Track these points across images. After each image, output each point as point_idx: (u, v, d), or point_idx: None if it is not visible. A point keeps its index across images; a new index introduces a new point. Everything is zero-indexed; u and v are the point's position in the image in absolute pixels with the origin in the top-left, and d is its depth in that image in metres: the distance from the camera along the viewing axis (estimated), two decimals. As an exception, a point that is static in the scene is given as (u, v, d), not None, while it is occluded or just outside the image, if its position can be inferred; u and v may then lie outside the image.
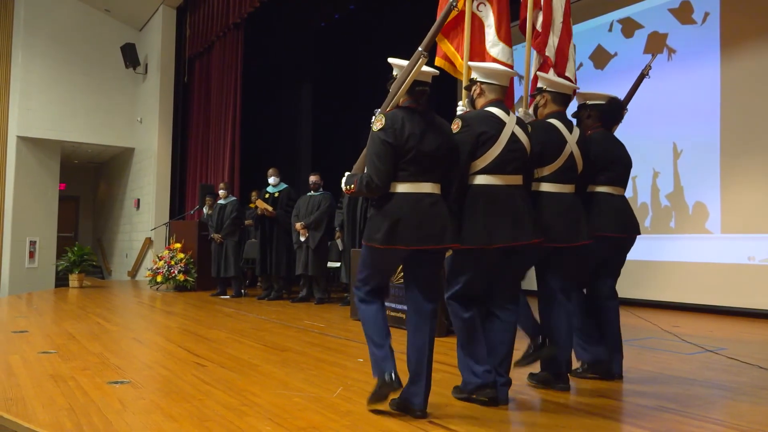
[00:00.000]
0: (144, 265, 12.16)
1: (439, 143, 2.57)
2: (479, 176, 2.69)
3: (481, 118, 2.72)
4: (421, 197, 2.53)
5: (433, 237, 2.50)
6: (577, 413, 2.64)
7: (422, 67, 2.55)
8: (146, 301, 7.81)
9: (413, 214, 2.49)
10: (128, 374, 3.30)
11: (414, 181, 2.53)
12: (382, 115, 2.55)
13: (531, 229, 2.69)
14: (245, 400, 2.73)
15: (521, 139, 2.74)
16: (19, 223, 12.58)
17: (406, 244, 2.49)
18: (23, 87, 12.49)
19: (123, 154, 14.25)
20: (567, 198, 2.98)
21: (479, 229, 2.62)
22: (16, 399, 2.74)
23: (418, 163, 2.52)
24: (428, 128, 2.57)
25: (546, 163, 2.94)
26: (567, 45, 3.74)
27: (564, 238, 2.91)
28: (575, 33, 8.85)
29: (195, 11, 12.20)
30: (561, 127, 2.99)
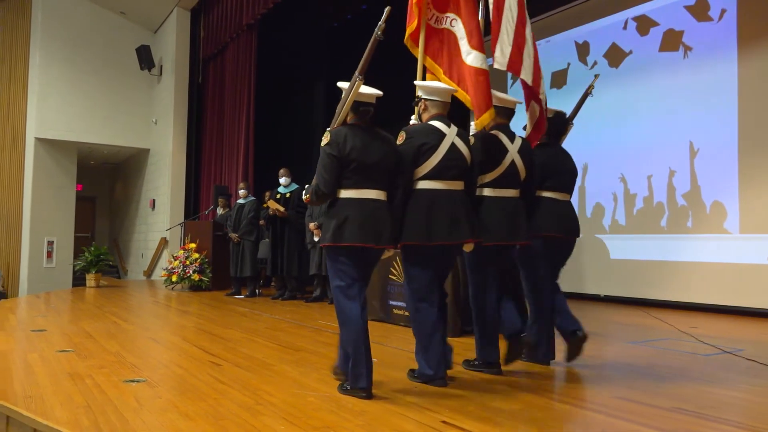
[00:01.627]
0: (159, 265, 12.26)
1: (381, 155, 2.91)
2: (421, 182, 3.01)
3: (423, 131, 3.06)
4: (365, 202, 2.88)
5: (373, 237, 2.83)
6: (593, 415, 2.63)
7: (363, 89, 2.93)
8: (162, 300, 7.88)
9: (357, 215, 2.84)
10: (144, 373, 3.33)
11: (358, 188, 2.88)
12: (328, 132, 2.92)
13: (468, 230, 2.99)
14: (260, 399, 2.75)
15: (461, 149, 3.06)
16: (37, 224, 12.74)
17: (351, 241, 2.82)
18: (41, 89, 12.65)
19: (138, 155, 14.38)
20: (508, 201, 3.28)
21: (420, 227, 2.94)
22: (34, 396, 2.77)
23: (362, 173, 2.87)
24: (371, 142, 2.91)
25: (488, 171, 3.25)
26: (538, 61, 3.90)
27: (504, 238, 3.22)
28: (590, 31, 8.82)
29: (209, 13, 12.29)
30: (503, 138, 3.30)
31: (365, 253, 2.89)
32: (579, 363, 3.65)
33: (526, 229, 3.31)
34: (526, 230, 3.31)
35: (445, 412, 2.56)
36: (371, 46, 3.06)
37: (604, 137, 8.29)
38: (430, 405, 2.66)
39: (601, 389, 3.10)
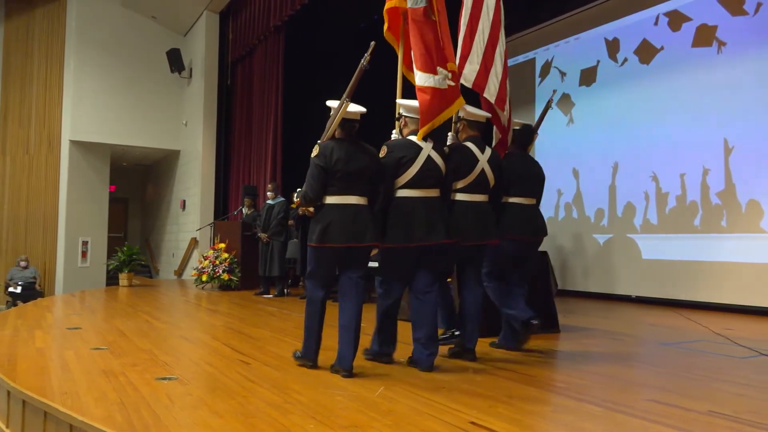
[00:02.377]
0: (190, 265, 12.45)
1: (363, 165, 3.31)
2: (401, 190, 3.43)
3: (402, 145, 3.48)
4: (348, 207, 3.27)
5: (356, 237, 3.24)
6: (625, 418, 2.58)
7: (350, 108, 3.31)
8: (192, 299, 7.99)
9: (340, 219, 3.24)
10: (176, 371, 3.39)
11: (341, 194, 3.28)
12: (318, 145, 3.33)
13: (443, 232, 3.40)
14: (288, 398, 2.77)
15: (436, 161, 3.47)
16: (72, 224, 13.05)
17: (334, 242, 3.23)
18: (75, 93, 12.95)
19: (169, 157, 14.62)
20: (479, 206, 3.67)
21: (400, 231, 3.36)
22: (70, 393, 2.84)
23: (345, 181, 3.26)
24: (355, 154, 3.30)
25: (461, 178, 3.62)
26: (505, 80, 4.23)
27: (475, 238, 3.61)
28: (620, 27, 8.70)
29: (237, 16, 12.42)
30: (474, 149, 3.67)
31: (349, 251, 3.31)
32: (610, 365, 3.59)
33: (494, 230, 3.72)
34: (494, 231, 3.71)
35: (474, 413, 2.54)
36: (358, 73, 3.38)
37: (635, 135, 8.15)
38: (458, 405, 2.65)
39: (634, 392, 3.05)
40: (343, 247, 3.26)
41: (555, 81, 9.65)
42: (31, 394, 2.82)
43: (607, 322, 6.02)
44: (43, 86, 13.19)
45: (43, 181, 13.12)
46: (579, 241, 8.98)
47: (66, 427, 2.53)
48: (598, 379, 3.31)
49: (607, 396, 2.91)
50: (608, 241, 8.49)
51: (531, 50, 10.20)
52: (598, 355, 4.08)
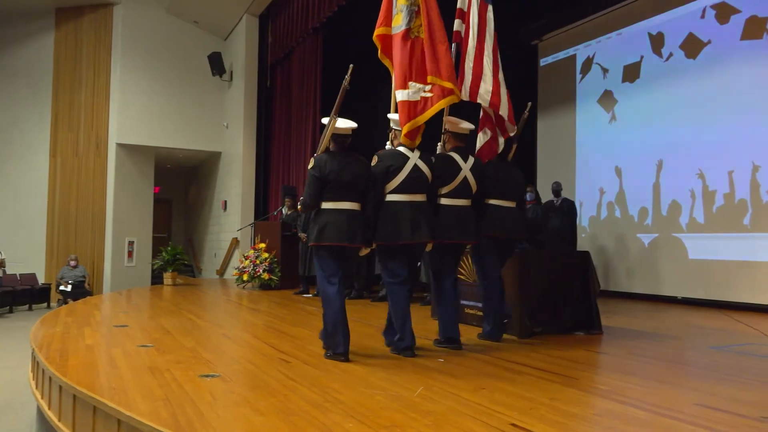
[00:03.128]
0: (231, 264, 12.67)
1: (354, 174, 3.71)
2: (390, 195, 3.82)
3: (390, 155, 3.89)
4: (341, 211, 3.68)
5: (348, 237, 3.64)
6: (673, 423, 2.51)
7: (340, 124, 3.73)
8: (233, 298, 8.13)
9: (335, 222, 3.65)
10: (218, 368, 3.45)
11: (335, 201, 3.69)
12: (313, 158, 3.75)
13: (427, 232, 3.80)
14: (328, 397, 2.78)
15: (422, 169, 3.86)
16: (119, 225, 13.44)
17: (329, 241, 3.64)
18: (121, 97, 13.34)
19: (211, 158, 14.91)
20: (461, 209, 4.06)
21: (388, 230, 3.78)
22: (118, 389, 2.92)
23: (338, 189, 3.68)
24: (346, 165, 3.70)
25: (445, 184, 4.02)
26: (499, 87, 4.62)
27: (455, 237, 4.01)
28: (664, 21, 8.48)
29: (276, 18, 12.58)
30: (457, 158, 4.06)
31: (343, 250, 3.72)
32: (656, 368, 3.50)
33: (474, 231, 4.11)
34: (475, 232, 4.11)
35: (515, 414, 2.51)
36: (341, 93, 3.79)
37: (681, 132, 7.93)
38: (499, 407, 2.62)
39: (682, 396, 2.96)
40: (337, 246, 3.67)
41: (597, 77, 9.47)
42: (82, 389, 2.91)
43: (652, 323, 5.87)
44: (91, 91, 13.63)
45: (91, 183, 13.55)
46: (622, 241, 8.78)
47: (114, 422, 2.60)
48: (643, 383, 3.23)
49: (653, 400, 2.83)
50: (653, 241, 8.29)
51: (571, 47, 10.03)
52: (642, 357, 3.99)
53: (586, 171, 9.63)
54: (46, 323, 5.42)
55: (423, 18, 4.20)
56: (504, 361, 3.68)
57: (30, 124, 13.82)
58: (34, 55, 13.90)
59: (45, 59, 13.88)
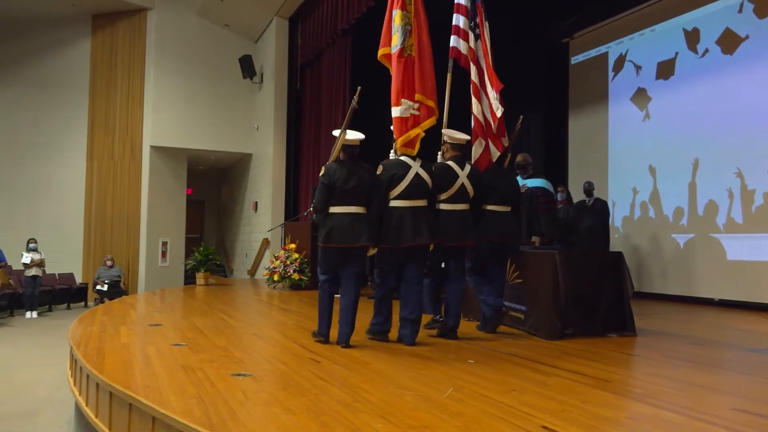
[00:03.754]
0: (262, 265, 12.80)
1: (360, 182, 4.10)
2: (393, 201, 4.22)
3: (394, 164, 4.32)
4: (346, 215, 4.07)
5: (352, 239, 4.04)
6: (709, 428, 2.45)
7: (349, 135, 4.16)
8: (264, 298, 8.22)
9: (340, 224, 4.05)
10: (249, 367, 3.49)
11: (342, 205, 4.08)
12: (324, 167, 4.17)
13: (428, 235, 4.17)
14: (358, 397, 2.80)
15: (423, 177, 4.26)
16: (153, 226, 13.70)
17: (335, 243, 4.05)
18: (155, 101, 13.61)
19: (242, 160, 15.09)
20: (459, 213, 4.42)
21: (391, 234, 4.16)
22: (153, 387, 2.98)
23: (345, 195, 4.07)
24: (353, 173, 4.10)
25: (444, 191, 4.39)
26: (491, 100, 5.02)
27: (454, 240, 4.37)
28: (700, 16, 8.30)
29: (305, 20, 12.67)
30: (455, 167, 4.43)
31: (347, 250, 4.10)
32: (691, 371, 3.42)
33: (473, 234, 4.45)
34: (473, 234, 4.45)
35: (546, 416, 2.49)
36: (350, 112, 4.25)
37: (717, 130, 7.74)
38: (529, 409, 2.60)
39: (717, 400, 2.90)
40: (342, 247, 4.07)
41: (630, 75, 9.31)
42: (118, 387, 2.98)
43: (688, 326, 5.74)
44: (126, 96, 13.94)
45: (126, 185, 13.85)
46: (656, 242, 8.61)
47: (149, 419, 2.66)
48: (677, 386, 3.16)
49: (687, 403, 2.77)
50: (689, 242, 8.11)
51: (603, 44, 9.88)
52: (677, 360, 3.90)
53: (619, 170, 9.47)
54: (83, 322, 5.56)
55: (414, 37, 4.58)
56: (534, 362, 3.65)
57: (68, 128, 14.21)
58: (72, 61, 14.28)
59: (82, 65, 14.25)
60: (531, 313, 4.77)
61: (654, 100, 8.84)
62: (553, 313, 4.50)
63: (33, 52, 14.35)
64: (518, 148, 9.09)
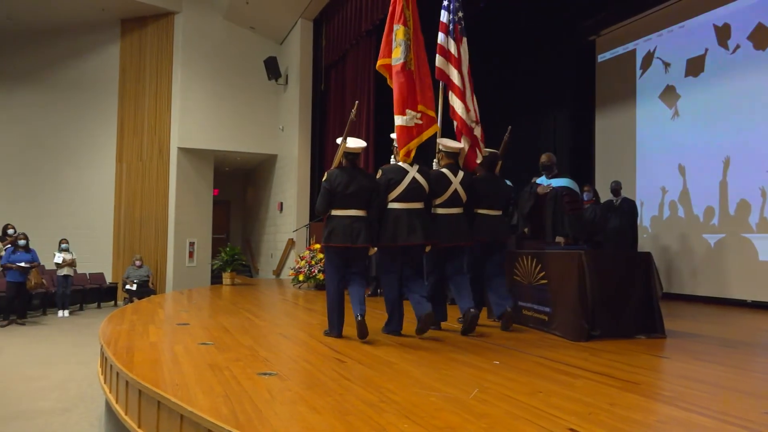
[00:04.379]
0: (287, 265, 12.90)
1: (359, 187, 4.42)
2: (391, 203, 4.53)
3: (392, 169, 4.62)
4: (346, 218, 4.41)
5: (351, 239, 4.36)
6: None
7: (350, 143, 4.48)
8: (290, 298, 8.27)
9: (340, 226, 4.38)
10: (275, 366, 3.52)
11: (343, 209, 4.42)
12: (326, 173, 4.50)
13: (422, 235, 4.48)
14: (383, 397, 2.80)
15: (420, 181, 4.58)
16: (180, 226, 13.90)
17: (336, 243, 4.39)
18: (182, 103, 13.81)
19: (267, 161, 15.22)
20: (453, 217, 4.78)
21: (388, 234, 4.48)
22: (181, 385, 3.02)
23: (345, 199, 4.41)
24: (353, 178, 4.44)
25: (438, 196, 4.74)
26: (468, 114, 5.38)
27: (450, 241, 4.72)
28: (731, 11, 8.13)
29: (330, 22, 12.73)
30: (449, 174, 4.78)
31: (347, 250, 4.43)
32: (722, 374, 3.35)
33: (467, 235, 4.82)
34: (467, 235, 4.82)
35: (573, 419, 2.46)
36: (349, 124, 4.55)
37: (749, 127, 7.57)
38: (556, 411, 2.57)
39: (750, 404, 2.83)
40: (342, 247, 4.38)
41: (658, 72, 9.16)
42: (147, 384, 3.03)
43: (719, 328, 5.62)
44: (154, 98, 14.17)
45: (154, 186, 14.08)
46: (686, 242, 8.45)
47: (177, 417, 2.69)
48: (708, 389, 3.10)
49: (719, 407, 2.71)
50: (720, 242, 7.94)
51: (631, 41, 9.73)
52: (708, 363, 3.82)
53: (647, 169, 9.31)
54: (113, 321, 5.67)
55: (413, 52, 4.98)
56: (561, 364, 3.61)
57: (98, 131, 14.49)
58: (102, 65, 14.57)
59: (111, 68, 14.53)
60: (556, 314, 4.71)
61: (683, 98, 8.68)
62: (579, 314, 4.45)
63: (64, 57, 14.68)
64: (543, 148, 9.03)
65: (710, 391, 3.06)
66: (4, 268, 9.99)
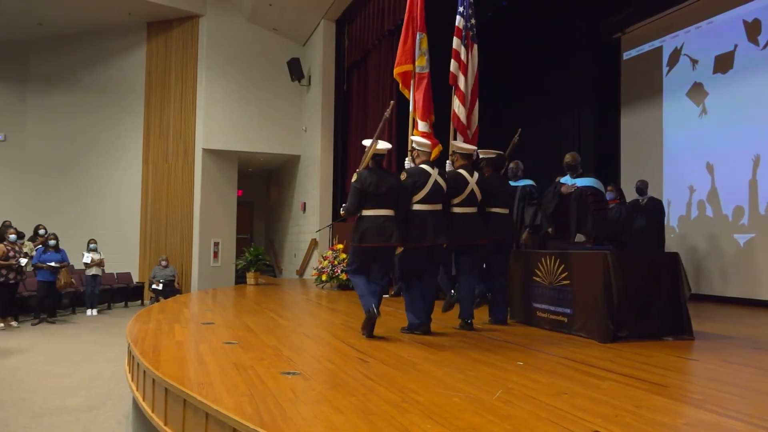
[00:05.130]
0: (310, 265, 12.96)
1: (388, 187, 4.55)
2: (415, 205, 4.67)
3: (417, 172, 4.73)
4: (377, 217, 4.51)
5: (383, 239, 4.48)
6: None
7: (379, 146, 4.59)
8: (313, 298, 8.31)
9: (374, 226, 4.49)
10: (299, 366, 3.54)
11: (373, 209, 4.53)
12: (356, 173, 4.59)
13: (444, 235, 4.66)
14: (406, 397, 2.79)
15: (440, 183, 4.71)
16: (205, 227, 14.07)
17: (369, 243, 4.50)
18: (207, 105, 13.97)
19: (290, 161, 15.32)
20: (470, 215, 4.95)
21: (415, 234, 4.62)
22: (206, 384, 3.05)
23: (375, 199, 4.51)
24: (381, 179, 4.56)
25: (456, 196, 4.88)
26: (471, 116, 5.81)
27: (468, 239, 4.89)
28: (761, 6, 7.94)
29: (352, 22, 12.76)
30: (465, 174, 4.94)
31: (379, 249, 4.54)
32: (753, 376, 3.27)
33: (482, 233, 4.98)
34: (483, 233, 4.98)
35: (598, 421, 2.43)
36: (382, 123, 4.80)
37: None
38: (581, 413, 2.54)
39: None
40: (374, 246, 4.49)
41: (686, 69, 9.00)
42: (173, 383, 3.07)
43: (750, 329, 5.50)
44: (179, 100, 14.36)
45: (179, 187, 14.27)
46: (715, 242, 8.29)
47: (202, 415, 2.72)
48: (739, 392, 3.04)
49: (750, 411, 2.66)
50: (750, 241, 7.77)
51: (657, 38, 9.58)
52: (739, 365, 3.75)
53: (675, 168, 9.15)
54: (140, 320, 5.75)
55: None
56: (586, 365, 3.56)
57: (125, 132, 14.74)
58: (128, 68, 14.81)
59: (138, 71, 14.76)
60: (580, 315, 4.66)
61: (711, 95, 8.52)
62: (605, 314, 4.39)
63: (92, 61, 14.96)
64: (568, 147, 8.93)
65: (740, 394, 2.99)
66: (35, 267, 10.22)
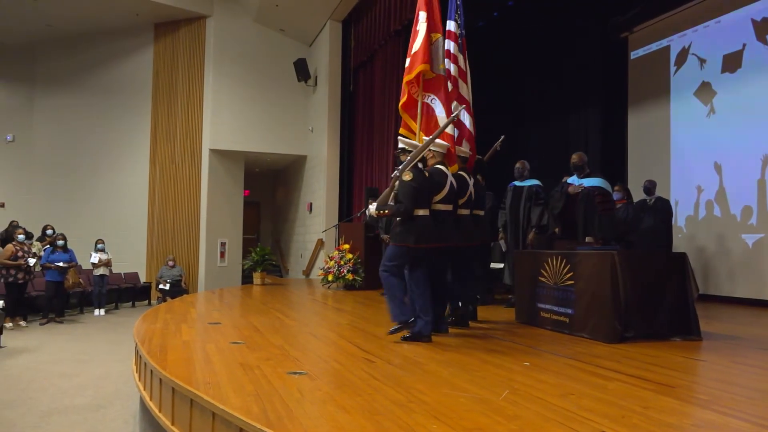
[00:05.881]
0: (317, 265, 12.98)
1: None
2: (436, 204, 4.60)
3: (437, 172, 4.64)
4: (442, 212, 4.60)
5: (466, 238, 4.81)
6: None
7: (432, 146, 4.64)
8: (319, 298, 8.32)
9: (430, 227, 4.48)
10: (305, 366, 3.54)
11: (426, 209, 4.49)
12: (409, 172, 4.39)
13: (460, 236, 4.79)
14: (412, 397, 2.79)
15: (454, 185, 4.68)
16: (212, 227, 14.11)
17: (432, 243, 4.49)
18: (214, 106, 14.01)
19: (297, 162, 15.34)
20: (468, 218, 5.02)
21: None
22: (212, 383, 3.06)
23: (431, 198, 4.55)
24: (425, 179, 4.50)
25: (460, 197, 4.88)
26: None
27: (466, 240, 4.91)
28: (766, 7, 7.86)
29: (358, 23, 12.77)
30: (466, 176, 5.00)
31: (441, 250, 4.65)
32: (761, 378, 3.25)
33: (478, 235, 5.15)
34: (477, 236, 5.14)
35: (605, 422, 2.42)
36: (447, 125, 4.83)
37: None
38: (588, 413, 2.53)
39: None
40: (435, 247, 4.52)
41: (693, 69, 8.95)
42: (180, 382, 3.08)
43: (758, 330, 5.47)
44: (186, 101, 14.41)
45: (186, 188, 14.32)
46: (723, 242, 8.24)
47: (209, 415, 2.73)
48: (747, 393, 3.02)
49: (759, 412, 2.64)
50: (758, 242, 7.72)
51: (665, 38, 9.53)
52: (747, 366, 3.73)
53: (682, 168, 9.11)
54: (147, 319, 5.78)
55: None
56: (593, 366, 3.55)
57: (133, 133, 14.80)
58: (136, 69, 14.87)
59: (145, 72, 14.82)
60: (583, 315, 4.64)
61: (719, 95, 8.47)
62: (612, 315, 4.37)
63: (100, 61, 15.04)
64: (575, 147, 8.89)
65: (748, 395, 2.98)
66: (44, 267, 10.27)
